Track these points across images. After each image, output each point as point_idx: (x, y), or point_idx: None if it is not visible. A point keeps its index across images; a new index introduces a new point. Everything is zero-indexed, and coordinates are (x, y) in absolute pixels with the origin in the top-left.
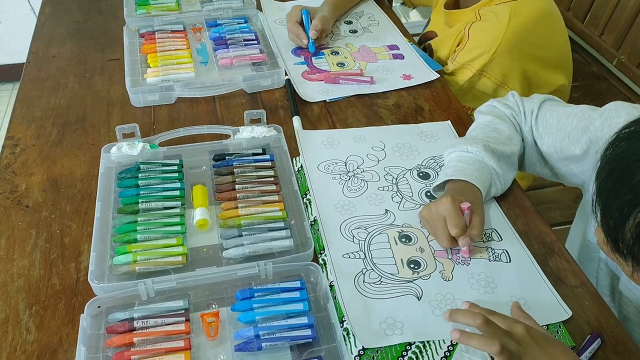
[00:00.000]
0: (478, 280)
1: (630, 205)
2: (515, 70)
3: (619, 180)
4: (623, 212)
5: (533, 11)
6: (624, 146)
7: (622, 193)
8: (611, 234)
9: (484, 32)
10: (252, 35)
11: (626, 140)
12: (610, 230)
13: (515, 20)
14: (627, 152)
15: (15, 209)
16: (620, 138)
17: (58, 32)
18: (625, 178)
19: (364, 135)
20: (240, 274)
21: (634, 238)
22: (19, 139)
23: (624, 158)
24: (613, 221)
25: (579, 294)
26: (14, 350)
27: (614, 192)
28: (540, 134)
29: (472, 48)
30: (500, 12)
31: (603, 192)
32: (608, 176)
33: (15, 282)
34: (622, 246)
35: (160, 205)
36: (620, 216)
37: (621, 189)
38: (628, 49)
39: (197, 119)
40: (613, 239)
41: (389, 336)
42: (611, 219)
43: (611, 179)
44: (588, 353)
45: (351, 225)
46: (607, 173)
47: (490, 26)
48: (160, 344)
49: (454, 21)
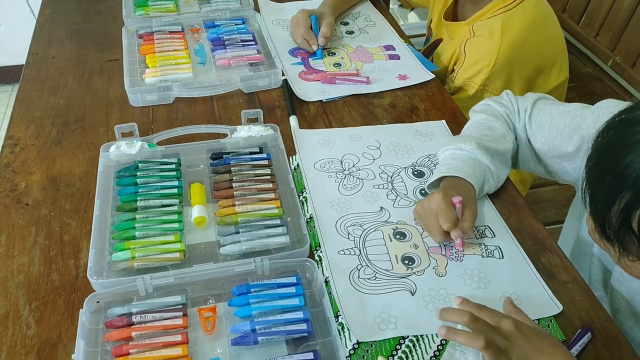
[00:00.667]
0: (471, 276)
1: (615, 191)
2: (515, 78)
3: (605, 167)
4: (609, 198)
5: (525, 20)
6: (612, 134)
7: (608, 180)
8: (598, 220)
9: (480, 48)
10: (250, 36)
11: (614, 128)
12: (598, 216)
13: (508, 32)
14: (613, 139)
15: (15, 207)
16: (609, 127)
17: (57, 33)
18: (611, 165)
19: (360, 134)
20: (237, 270)
21: (619, 223)
22: (18, 138)
23: (611, 146)
24: (600, 207)
25: (570, 289)
26: (14, 345)
27: (600, 178)
28: (533, 132)
29: (470, 65)
30: (493, 25)
31: (590, 180)
32: (596, 164)
33: (15, 278)
34: (609, 231)
35: (158, 203)
36: (606, 202)
37: (607, 175)
38: (623, 50)
39: (195, 119)
40: (600, 225)
41: (383, 330)
42: (598, 204)
43: (598, 166)
44: (578, 347)
45: (346, 223)
46: (594, 161)
47: (484, 41)
48: (158, 338)
49: (453, 33)
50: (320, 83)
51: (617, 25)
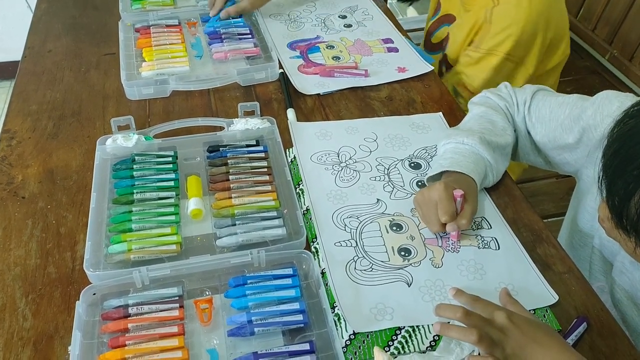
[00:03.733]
0: (467, 267)
1: (636, 182)
2: (534, 49)
3: (625, 157)
4: (629, 189)
5: None
6: (632, 123)
7: (629, 170)
8: (616, 210)
9: (507, 15)
10: (247, 29)
11: (635, 117)
12: (615, 206)
13: None
14: (634, 129)
15: (12, 200)
16: (628, 115)
17: (54, 27)
18: (632, 155)
19: (357, 126)
20: (234, 261)
21: (638, 214)
22: (15, 131)
23: (632, 135)
24: (618, 197)
25: (566, 280)
26: (10, 337)
27: (620, 169)
28: (533, 124)
29: (496, 33)
30: None
31: (609, 169)
32: (615, 153)
33: (12, 271)
34: (626, 222)
35: (155, 195)
36: (626, 193)
37: (628, 165)
38: (620, 43)
39: (191, 112)
40: (618, 215)
41: (379, 321)
42: (617, 195)
43: (618, 156)
44: (574, 336)
45: (343, 215)
46: (614, 150)
47: (512, 8)
48: (155, 329)
49: (469, 5)
50: (319, 76)
51: (615, 19)
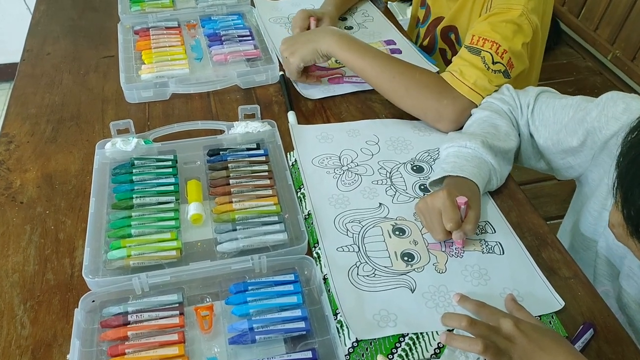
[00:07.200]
0: (471, 272)
1: None
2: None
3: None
4: None
5: None
6: None
7: None
8: (632, 220)
9: None
10: (247, 31)
11: None
12: (632, 217)
13: None
14: None
15: (10, 205)
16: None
17: (52, 30)
18: None
19: (358, 129)
20: (235, 267)
21: None
22: (13, 135)
23: None
24: (635, 208)
25: (572, 285)
26: (8, 345)
27: (637, 177)
28: (536, 127)
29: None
30: None
31: (625, 178)
32: (632, 161)
33: (9, 277)
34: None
35: (154, 200)
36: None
37: None
38: (622, 44)
39: (191, 115)
40: (634, 225)
41: (383, 328)
42: (633, 206)
43: (635, 164)
44: (581, 343)
45: (345, 219)
46: (630, 158)
47: None
48: (155, 337)
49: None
50: (325, 81)
51: (617, 19)
